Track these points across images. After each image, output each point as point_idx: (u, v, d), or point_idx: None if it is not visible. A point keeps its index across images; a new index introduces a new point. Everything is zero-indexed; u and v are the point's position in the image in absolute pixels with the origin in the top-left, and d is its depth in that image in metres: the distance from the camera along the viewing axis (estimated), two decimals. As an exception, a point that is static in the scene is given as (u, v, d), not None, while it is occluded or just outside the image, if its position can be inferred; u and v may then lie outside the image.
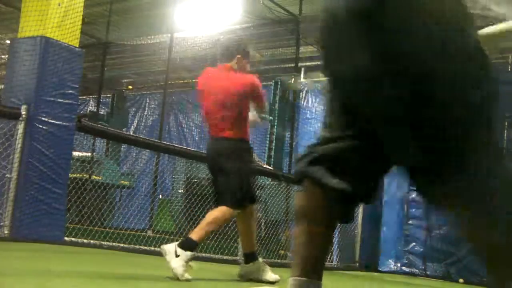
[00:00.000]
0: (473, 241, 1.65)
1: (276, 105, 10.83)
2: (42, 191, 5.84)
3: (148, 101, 15.65)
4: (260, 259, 4.44)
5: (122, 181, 11.62)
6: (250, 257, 4.38)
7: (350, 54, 1.59)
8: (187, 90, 13.74)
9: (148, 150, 11.31)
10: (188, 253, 3.89)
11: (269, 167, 9.91)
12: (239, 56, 4.41)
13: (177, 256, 3.85)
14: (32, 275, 3.47)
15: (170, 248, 3.91)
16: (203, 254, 7.25)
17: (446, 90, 1.52)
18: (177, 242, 3.99)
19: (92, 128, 7.11)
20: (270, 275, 4.35)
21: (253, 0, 10.00)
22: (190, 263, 3.94)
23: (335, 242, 9.92)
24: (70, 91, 6.14)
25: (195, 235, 4.00)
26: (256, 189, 4.14)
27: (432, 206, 1.74)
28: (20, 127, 5.78)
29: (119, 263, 5.27)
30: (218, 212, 4.12)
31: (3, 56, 13.11)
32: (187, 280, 3.87)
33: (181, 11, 10.25)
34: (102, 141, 11.69)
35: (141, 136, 11.36)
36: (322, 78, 13.24)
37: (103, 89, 12.87)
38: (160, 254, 4.15)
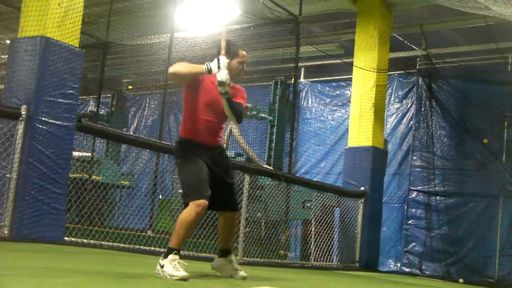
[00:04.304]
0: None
1: (276, 105, 10.83)
2: (42, 191, 5.84)
3: (148, 101, 15.64)
4: (234, 259, 4.66)
5: (122, 181, 11.59)
6: (223, 253, 4.65)
7: None
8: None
9: (148, 150, 11.31)
10: (170, 256, 4.05)
11: (269, 167, 9.90)
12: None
13: (162, 266, 4.04)
14: (32, 274, 3.47)
15: (157, 268, 4.09)
16: (203, 255, 7.26)
17: None
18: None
19: (92, 128, 7.10)
20: (239, 273, 4.59)
21: (253, 0, 10.00)
22: (179, 262, 4.04)
23: (335, 242, 9.92)
24: (70, 91, 6.14)
25: (170, 242, 4.18)
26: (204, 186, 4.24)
27: None
28: (20, 127, 5.78)
29: (119, 263, 5.28)
30: (182, 214, 4.22)
31: (3, 56, 13.11)
32: (184, 278, 3.94)
33: (181, 11, 10.25)
34: (102, 141, 11.68)
35: (141, 136, 11.34)
36: (322, 78, 13.26)
37: (103, 89, 12.84)
38: (160, 254, 4.23)
